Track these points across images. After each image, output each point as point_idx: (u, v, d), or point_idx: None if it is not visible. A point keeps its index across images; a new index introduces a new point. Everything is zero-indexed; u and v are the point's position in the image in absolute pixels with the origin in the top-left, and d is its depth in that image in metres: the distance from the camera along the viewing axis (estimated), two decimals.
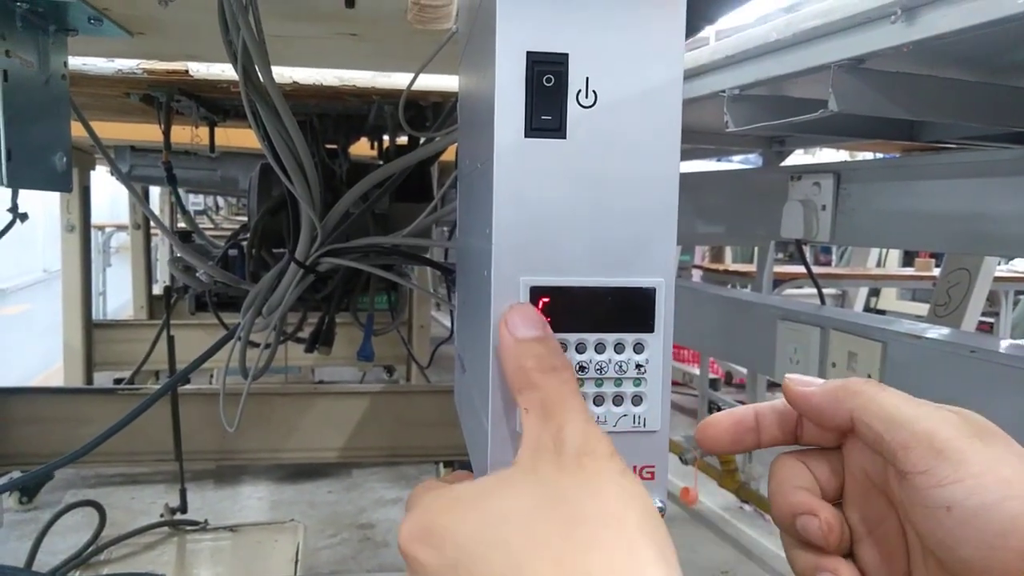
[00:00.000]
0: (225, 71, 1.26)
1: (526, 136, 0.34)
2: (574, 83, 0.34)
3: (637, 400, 0.36)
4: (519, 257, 0.34)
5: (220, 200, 5.72)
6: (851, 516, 0.34)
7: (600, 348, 0.35)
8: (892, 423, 0.31)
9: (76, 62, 1.20)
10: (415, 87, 0.93)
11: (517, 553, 0.26)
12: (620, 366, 0.35)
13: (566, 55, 0.34)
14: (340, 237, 1.14)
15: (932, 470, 0.29)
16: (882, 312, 4.55)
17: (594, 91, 0.34)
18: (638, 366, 0.36)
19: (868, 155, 2.16)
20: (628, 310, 0.35)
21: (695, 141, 1.72)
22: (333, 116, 1.60)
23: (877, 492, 0.33)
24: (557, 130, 0.34)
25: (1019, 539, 0.27)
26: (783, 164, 1.76)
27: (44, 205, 2.81)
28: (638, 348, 0.35)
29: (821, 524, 0.33)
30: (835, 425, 0.34)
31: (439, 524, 0.28)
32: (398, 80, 1.29)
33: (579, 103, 0.34)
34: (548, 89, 0.34)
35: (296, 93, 1.35)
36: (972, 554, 0.28)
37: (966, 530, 0.28)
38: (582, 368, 0.35)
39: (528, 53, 0.34)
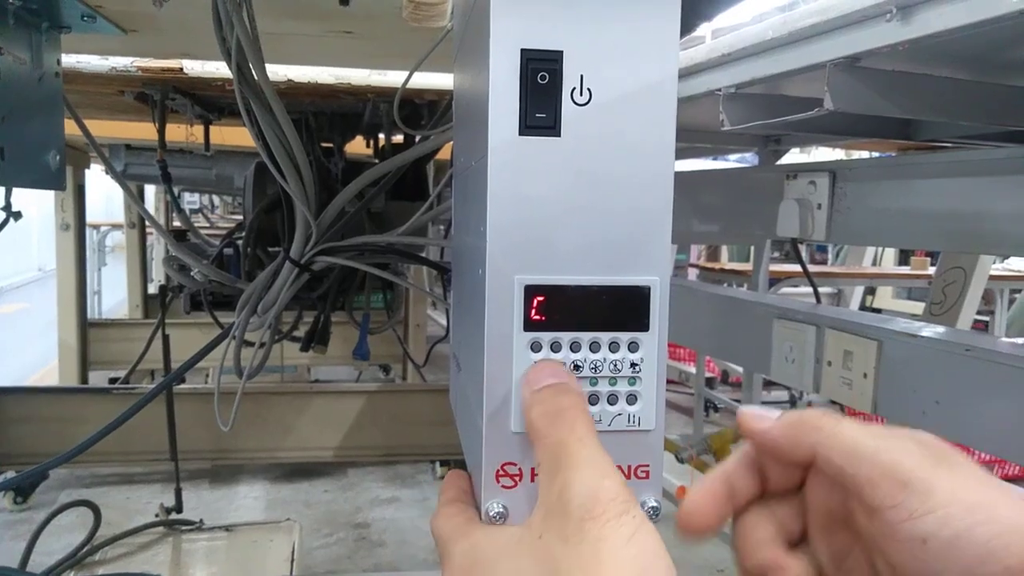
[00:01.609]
0: (220, 69, 1.25)
1: (520, 134, 0.34)
2: (568, 81, 0.34)
3: (632, 399, 0.36)
4: (514, 255, 0.34)
5: (215, 198, 5.71)
6: (818, 553, 0.34)
7: (595, 347, 0.35)
8: (854, 457, 0.30)
9: (70, 60, 1.19)
10: (410, 85, 0.93)
11: None
12: (615, 365, 0.35)
13: (560, 52, 0.34)
14: (335, 236, 1.14)
15: (902, 504, 0.29)
16: (878, 311, 4.56)
17: (589, 89, 0.34)
18: (633, 365, 0.35)
19: (864, 154, 2.16)
20: (623, 309, 0.35)
21: (691, 140, 1.72)
22: (328, 114, 1.59)
23: (841, 526, 0.33)
24: (551, 128, 0.34)
25: (995, 563, 0.27)
26: (779, 163, 1.76)
27: (39, 203, 2.80)
28: (633, 347, 0.35)
29: None
30: (795, 460, 0.33)
31: None
32: (393, 78, 1.29)
33: (573, 101, 0.34)
34: (542, 87, 0.34)
35: (291, 91, 1.34)
36: (958, 569, 0.28)
37: (943, 561, 0.28)
38: (576, 367, 0.35)
39: (522, 50, 0.33)
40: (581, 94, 0.34)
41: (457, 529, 0.34)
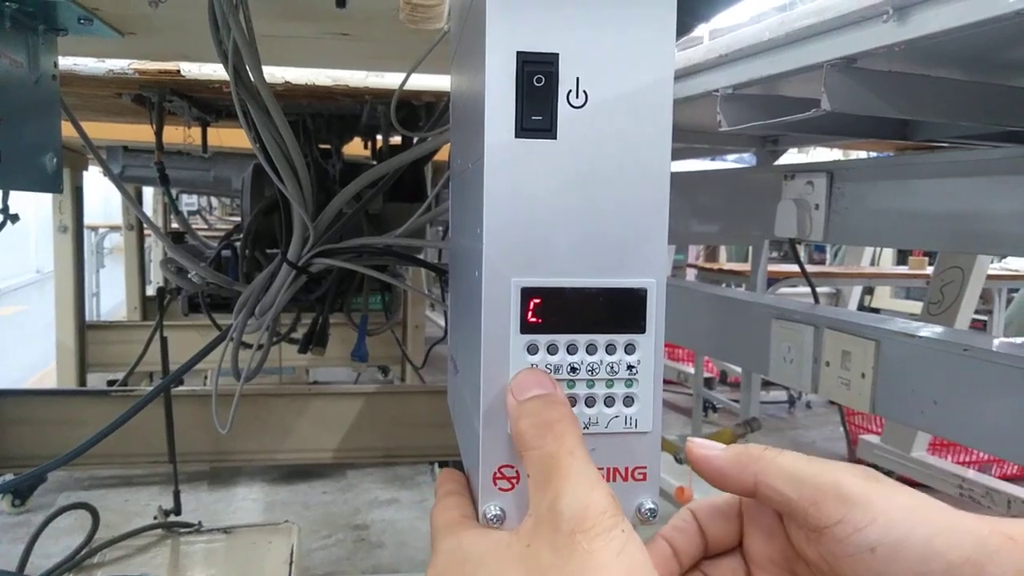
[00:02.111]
0: (217, 71, 1.25)
1: (517, 136, 0.34)
2: (564, 83, 0.34)
3: (629, 401, 0.36)
4: (510, 258, 0.34)
5: (213, 200, 5.70)
6: None
7: (591, 349, 0.35)
8: (796, 481, 0.32)
9: (67, 62, 1.19)
10: (407, 87, 0.93)
11: None
12: (611, 367, 0.35)
13: (556, 55, 0.34)
14: (333, 237, 1.14)
15: (846, 518, 0.30)
16: (876, 311, 4.56)
17: (585, 91, 0.34)
18: (629, 367, 0.35)
19: (861, 154, 2.16)
20: (619, 311, 0.35)
21: (689, 140, 1.72)
22: (326, 116, 1.59)
23: (783, 571, 0.35)
24: (548, 130, 0.34)
25: (938, 560, 0.29)
26: (777, 163, 1.76)
27: (36, 206, 2.80)
28: (629, 349, 0.35)
29: None
30: (739, 488, 0.34)
31: None
32: (390, 80, 1.29)
33: (570, 103, 0.34)
34: (538, 89, 0.34)
35: (288, 93, 1.34)
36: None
37: (893, 565, 0.29)
38: (573, 369, 0.35)
39: (518, 53, 0.33)
40: (577, 96, 0.34)
41: (449, 525, 0.34)
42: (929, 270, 3.66)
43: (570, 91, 0.34)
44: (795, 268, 3.20)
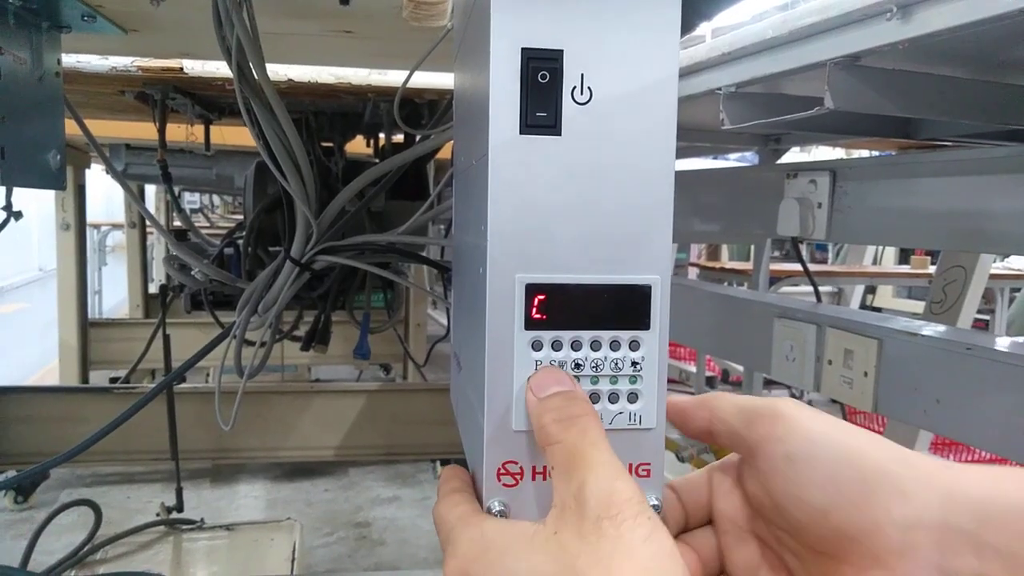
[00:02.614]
0: (220, 68, 1.25)
1: (521, 133, 0.34)
2: (569, 80, 0.34)
3: (633, 398, 0.36)
4: (514, 254, 0.34)
5: (216, 198, 5.71)
6: (734, 566, 0.37)
7: (596, 345, 0.35)
8: (740, 409, 0.36)
9: (70, 59, 1.19)
10: (410, 84, 0.93)
11: None
12: (616, 363, 0.35)
13: (561, 51, 0.34)
14: (335, 235, 1.14)
15: (770, 432, 0.34)
16: (878, 310, 4.56)
17: (589, 88, 0.34)
18: (634, 363, 0.35)
19: (864, 153, 2.16)
20: (624, 307, 0.35)
21: (691, 139, 1.72)
22: (328, 114, 1.59)
23: (748, 535, 0.37)
24: (552, 127, 0.34)
25: (852, 468, 0.31)
26: (779, 162, 1.76)
27: (39, 203, 2.80)
28: (634, 345, 0.35)
29: None
30: (697, 426, 0.38)
31: (473, 571, 0.31)
32: (393, 78, 1.29)
33: (574, 100, 0.34)
34: (543, 86, 0.34)
35: (291, 91, 1.34)
36: (817, 495, 0.32)
37: (809, 474, 0.32)
38: (577, 366, 0.35)
39: (523, 49, 0.33)
40: (582, 93, 0.34)
41: (464, 517, 0.34)
42: (931, 269, 3.65)
43: (575, 88, 0.34)
44: (797, 267, 3.20)
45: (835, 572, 0.32)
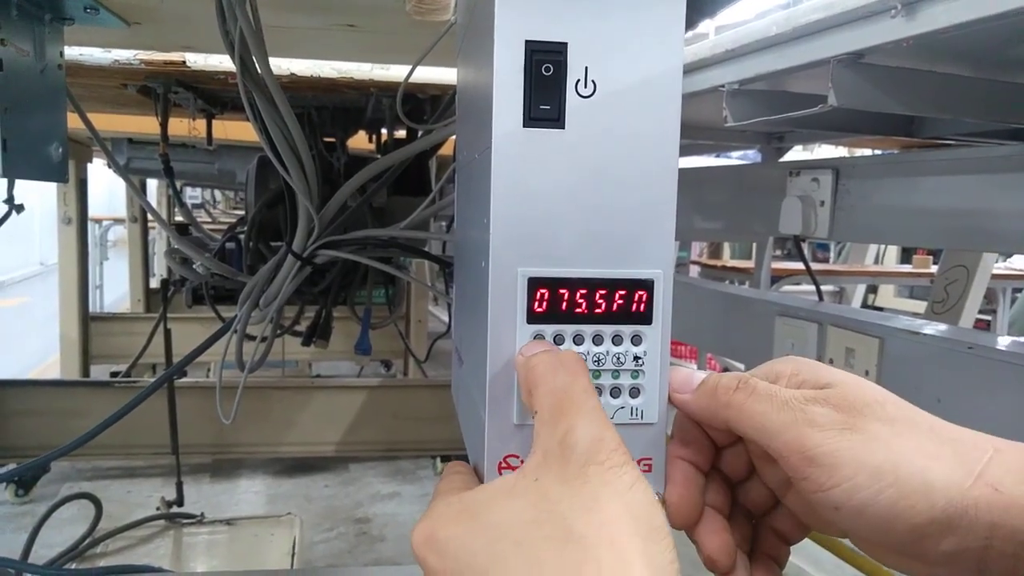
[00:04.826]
0: (223, 62, 1.25)
1: (525, 126, 0.34)
2: (573, 73, 0.34)
3: (635, 392, 0.36)
4: (517, 248, 0.34)
5: (217, 194, 5.70)
6: (766, 482, 0.36)
7: (598, 340, 0.35)
8: (764, 434, 0.32)
9: (73, 52, 1.19)
10: (413, 79, 0.93)
11: (512, 571, 0.26)
12: (618, 358, 0.35)
13: (565, 44, 0.33)
14: (337, 230, 1.14)
15: (810, 477, 0.31)
16: (880, 309, 4.56)
17: (593, 81, 0.34)
18: (636, 358, 0.35)
19: (867, 151, 2.16)
20: (626, 302, 0.35)
21: (694, 136, 1.71)
22: (331, 109, 1.59)
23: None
24: (556, 120, 0.34)
25: (902, 523, 0.29)
26: (782, 160, 1.76)
27: (41, 197, 2.81)
28: (636, 340, 0.35)
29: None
30: (716, 430, 0.36)
31: (445, 533, 0.29)
32: (396, 72, 1.28)
33: (578, 93, 0.34)
34: (547, 79, 0.33)
35: (294, 85, 1.34)
36: (869, 536, 0.31)
37: (857, 522, 0.30)
38: None
39: (527, 42, 0.33)
40: (585, 86, 0.34)
41: (450, 489, 0.33)
42: (933, 269, 3.65)
43: (578, 81, 0.34)
44: (799, 266, 3.19)
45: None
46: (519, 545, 0.27)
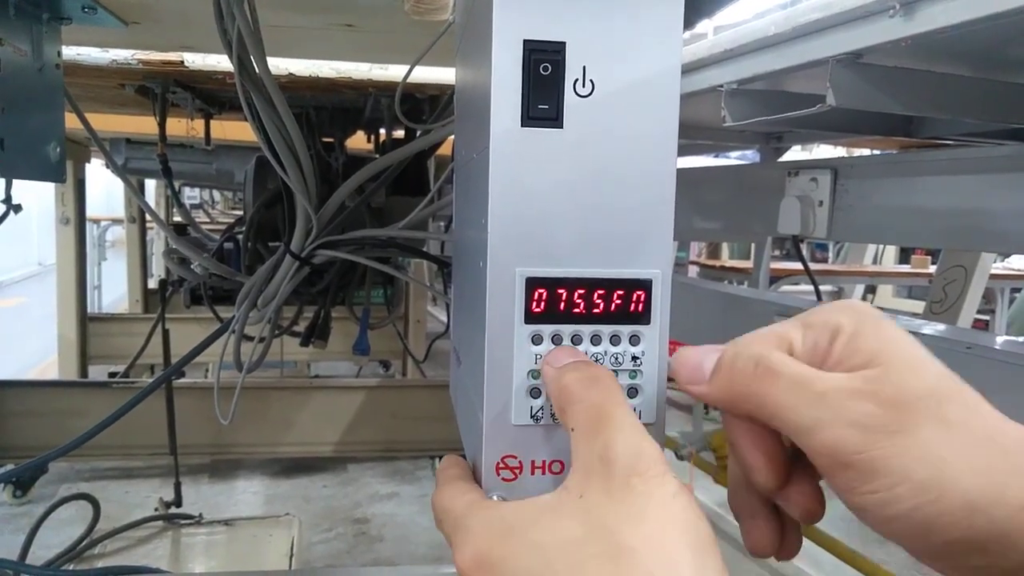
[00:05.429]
0: (221, 62, 1.25)
1: (523, 125, 0.34)
2: (571, 72, 0.34)
3: (633, 392, 0.36)
4: (515, 247, 0.34)
5: (216, 194, 5.70)
6: None
7: (596, 340, 0.35)
8: (796, 432, 0.29)
9: (70, 52, 1.19)
10: (411, 79, 0.93)
11: None
12: (616, 358, 0.35)
13: (563, 44, 0.33)
14: (336, 230, 1.14)
15: (843, 480, 0.28)
16: (879, 309, 4.55)
17: (591, 80, 0.34)
18: (634, 358, 0.35)
19: (865, 151, 2.16)
20: (624, 301, 0.35)
21: (692, 136, 1.72)
22: (329, 109, 1.59)
23: None
24: (554, 119, 0.34)
25: (938, 535, 0.27)
26: (780, 160, 1.76)
27: (39, 198, 2.80)
28: (634, 340, 0.35)
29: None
30: (733, 409, 0.32)
31: (495, 555, 0.29)
32: (394, 72, 1.28)
33: (576, 92, 0.34)
34: (545, 78, 0.33)
35: (292, 85, 1.34)
36: (892, 536, 0.28)
37: (888, 527, 0.28)
38: None
39: (525, 41, 0.33)
40: (584, 86, 0.34)
41: (474, 504, 0.32)
42: (931, 269, 3.65)
43: (577, 80, 0.34)
44: (798, 266, 3.20)
45: None
46: (572, 564, 0.27)
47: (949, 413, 0.28)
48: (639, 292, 0.35)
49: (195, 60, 1.25)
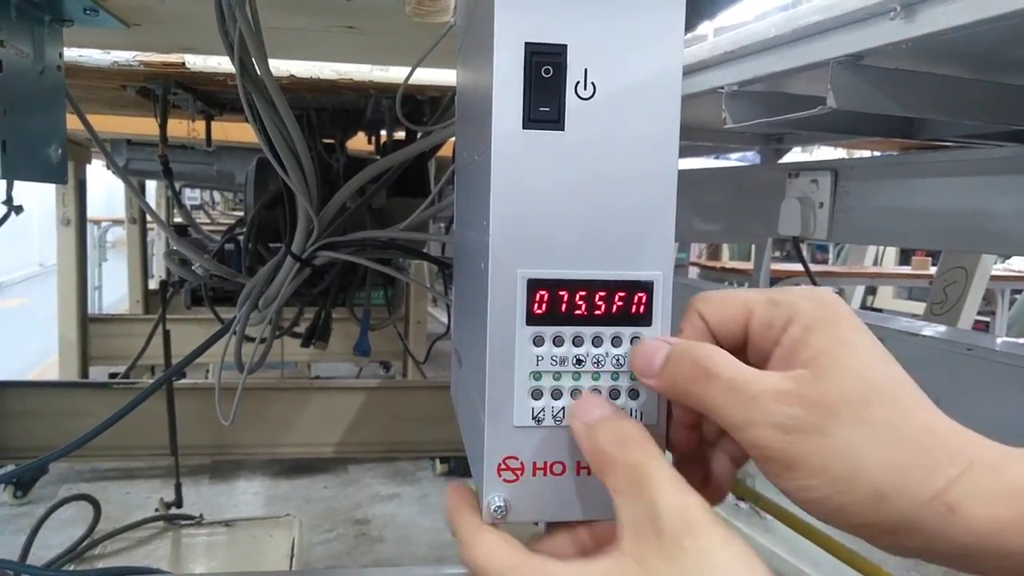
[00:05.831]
0: (222, 64, 1.25)
1: (524, 128, 0.34)
2: (573, 74, 0.34)
3: (634, 394, 0.36)
4: (516, 249, 0.34)
5: (216, 195, 5.70)
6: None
7: (597, 341, 0.35)
8: (728, 428, 0.31)
9: (72, 54, 1.19)
10: (412, 81, 0.93)
11: None
12: (617, 360, 0.35)
13: (564, 46, 0.33)
14: (337, 231, 1.14)
15: (767, 469, 0.31)
16: (879, 311, 4.56)
17: (593, 83, 0.34)
18: None
19: (866, 153, 2.16)
20: (626, 303, 0.35)
21: (693, 138, 1.72)
22: (330, 110, 1.59)
23: None
24: (555, 122, 0.34)
25: (850, 518, 0.30)
26: (781, 162, 1.76)
27: (40, 199, 2.80)
28: (636, 342, 0.35)
29: None
30: (672, 393, 0.34)
31: None
32: (395, 74, 1.28)
33: (577, 95, 0.34)
34: (546, 80, 0.33)
35: (293, 87, 1.34)
36: (817, 517, 0.31)
37: (807, 508, 0.31)
38: (579, 361, 0.35)
39: (526, 44, 0.33)
40: (585, 88, 0.34)
41: (519, 565, 0.32)
42: (932, 270, 3.65)
43: (578, 82, 0.34)
44: (798, 267, 3.19)
45: None
46: None
47: (874, 414, 0.29)
48: (640, 294, 0.35)
49: (196, 62, 1.25)
